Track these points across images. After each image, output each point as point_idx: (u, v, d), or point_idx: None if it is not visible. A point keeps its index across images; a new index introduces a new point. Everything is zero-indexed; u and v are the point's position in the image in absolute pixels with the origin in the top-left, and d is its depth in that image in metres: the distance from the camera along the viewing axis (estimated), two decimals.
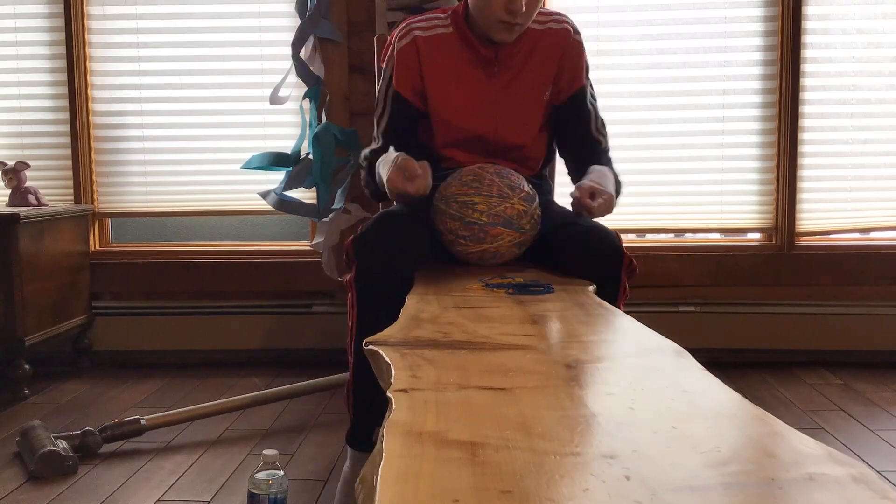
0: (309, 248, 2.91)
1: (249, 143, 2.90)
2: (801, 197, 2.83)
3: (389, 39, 1.84)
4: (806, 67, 2.79)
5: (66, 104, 2.93)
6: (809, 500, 0.56)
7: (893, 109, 2.85)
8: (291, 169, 2.69)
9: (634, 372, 0.89)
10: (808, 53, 2.79)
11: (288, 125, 2.91)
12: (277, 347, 2.94)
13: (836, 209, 2.87)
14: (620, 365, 0.93)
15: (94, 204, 2.98)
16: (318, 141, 2.63)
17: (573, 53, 1.80)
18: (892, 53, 2.83)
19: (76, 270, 2.88)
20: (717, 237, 2.99)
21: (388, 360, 0.91)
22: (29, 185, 2.81)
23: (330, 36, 2.78)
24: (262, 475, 1.55)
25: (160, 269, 2.96)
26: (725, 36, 2.81)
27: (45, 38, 2.94)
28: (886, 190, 2.88)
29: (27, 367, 2.57)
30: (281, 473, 1.56)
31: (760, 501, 0.56)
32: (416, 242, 1.56)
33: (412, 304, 1.26)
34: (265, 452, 1.57)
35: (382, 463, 0.61)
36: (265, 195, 2.73)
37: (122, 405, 2.47)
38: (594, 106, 1.86)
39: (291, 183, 2.69)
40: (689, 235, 3.01)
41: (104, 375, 2.81)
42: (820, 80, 2.81)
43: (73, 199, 2.96)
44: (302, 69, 2.72)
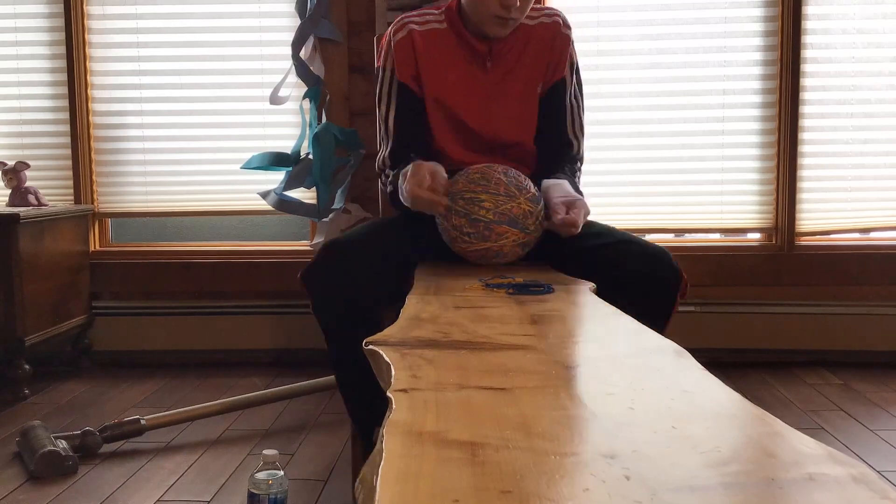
0: (309, 248, 2.91)
1: (249, 143, 2.91)
2: (801, 197, 2.83)
3: (385, 36, 1.84)
4: (806, 67, 2.79)
5: (66, 104, 2.93)
6: (809, 500, 0.56)
7: (893, 109, 2.85)
8: (291, 169, 2.69)
9: (634, 372, 0.89)
10: (808, 53, 2.79)
11: (288, 125, 2.91)
12: (277, 347, 2.94)
13: (836, 209, 2.87)
14: (620, 365, 0.93)
15: (94, 204, 2.98)
16: (318, 141, 2.63)
17: (560, 45, 1.78)
18: (892, 53, 2.83)
19: (76, 270, 2.88)
20: (717, 237, 2.99)
21: (388, 360, 0.91)
22: (29, 185, 2.82)
23: (330, 36, 2.78)
24: (262, 475, 1.55)
25: (160, 269, 2.96)
26: (725, 36, 2.81)
27: (45, 38, 2.94)
28: (886, 190, 2.88)
29: (27, 367, 2.57)
30: (281, 473, 1.56)
31: (760, 501, 0.56)
32: (366, 268, 1.52)
33: (412, 304, 1.25)
34: (265, 452, 1.57)
35: (382, 463, 0.61)
36: (265, 195, 2.73)
37: (122, 405, 2.47)
38: (576, 105, 1.81)
39: (291, 183, 2.69)
40: (689, 235, 3.01)
41: (104, 375, 2.81)
42: (820, 80, 2.81)
43: (73, 199, 2.96)
44: (302, 69, 2.72)
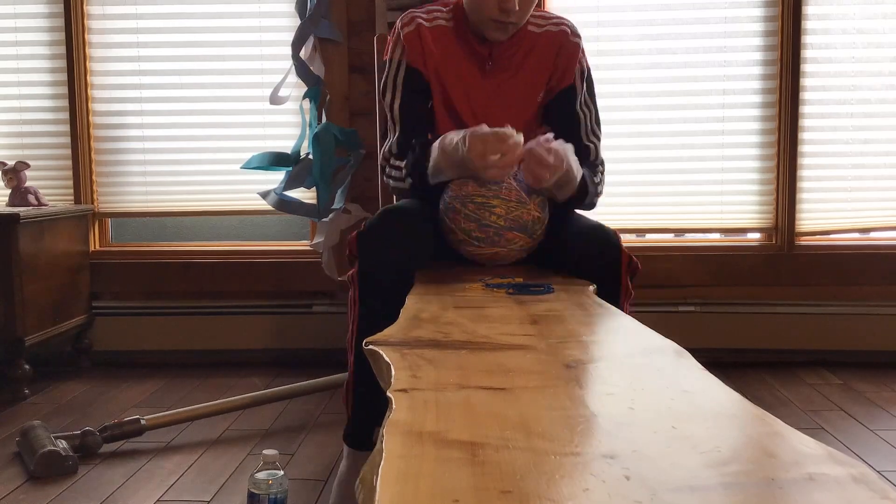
0: (309, 248, 2.91)
1: (249, 143, 2.90)
2: (801, 197, 2.83)
3: (393, 30, 1.84)
4: (806, 67, 2.79)
5: (66, 104, 2.93)
6: (809, 500, 0.56)
7: (893, 109, 2.85)
8: (291, 169, 2.69)
9: (634, 372, 0.89)
10: (808, 53, 2.79)
11: (288, 125, 2.91)
12: (277, 347, 2.94)
13: (835, 209, 2.87)
14: (620, 365, 0.93)
15: (94, 204, 2.98)
16: (318, 141, 2.63)
17: (568, 52, 1.78)
18: (892, 53, 2.83)
19: (76, 270, 2.88)
20: (717, 237, 2.99)
21: (388, 360, 0.91)
22: (29, 185, 2.82)
23: (330, 36, 2.78)
24: (262, 475, 1.55)
25: (160, 269, 2.96)
26: (725, 36, 2.81)
27: (45, 38, 2.94)
28: (886, 190, 2.88)
29: (27, 367, 2.57)
30: (281, 473, 1.56)
31: (760, 501, 0.56)
32: (419, 238, 1.56)
33: (412, 304, 1.26)
34: (265, 452, 1.57)
35: (382, 463, 0.61)
36: (265, 195, 2.73)
37: (122, 405, 2.47)
38: (588, 111, 1.81)
39: (291, 183, 2.69)
40: (689, 235, 3.01)
41: (104, 375, 2.81)
42: (820, 80, 2.81)
43: (73, 199, 2.96)
44: (302, 69, 2.72)
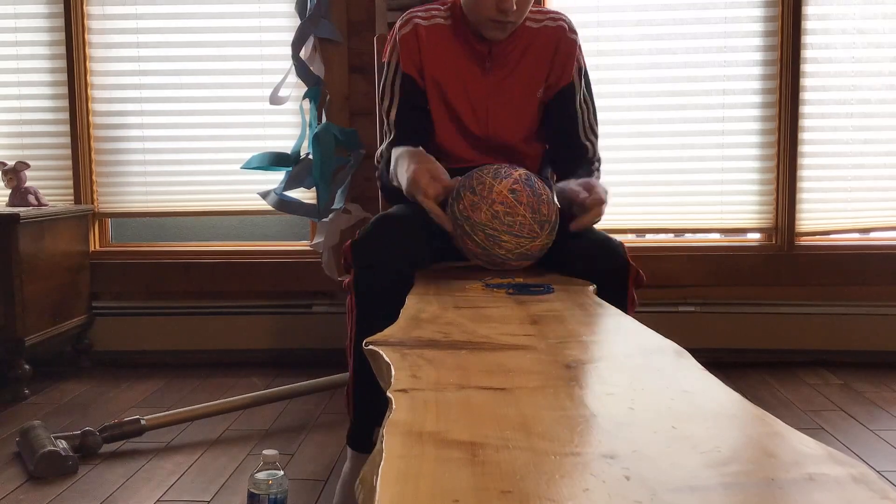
0: (309, 248, 2.91)
1: (249, 143, 2.90)
2: (801, 197, 2.83)
3: (391, 31, 1.84)
4: (806, 67, 2.79)
5: (66, 104, 2.93)
6: (809, 500, 0.56)
7: (893, 109, 2.85)
8: (291, 169, 2.69)
9: (634, 372, 0.89)
10: (808, 53, 2.79)
11: (288, 125, 2.91)
12: (277, 347, 2.94)
13: (836, 209, 2.87)
14: (620, 365, 0.93)
15: (94, 204, 2.98)
16: (318, 141, 2.63)
17: (566, 50, 1.78)
18: (892, 53, 2.83)
19: (76, 270, 2.88)
20: (717, 237, 2.99)
21: (388, 360, 0.91)
22: (29, 185, 2.82)
23: (330, 36, 2.78)
24: (262, 475, 1.55)
25: (160, 269, 2.96)
26: (725, 36, 2.81)
27: (45, 38, 2.94)
28: (886, 190, 2.88)
29: (27, 367, 2.57)
30: (281, 473, 1.56)
31: (760, 501, 0.56)
32: (414, 245, 1.54)
33: (412, 304, 1.26)
34: (265, 452, 1.57)
35: (382, 463, 0.61)
36: (265, 195, 2.73)
37: (122, 405, 2.47)
38: (586, 108, 1.82)
39: (291, 183, 2.69)
40: (689, 235, 3.01)
41: (104, 375, 2.81)
42: (820, 80, 2.81)
43: (73, 199, 2.96)
44: (302, 69, 2.72)
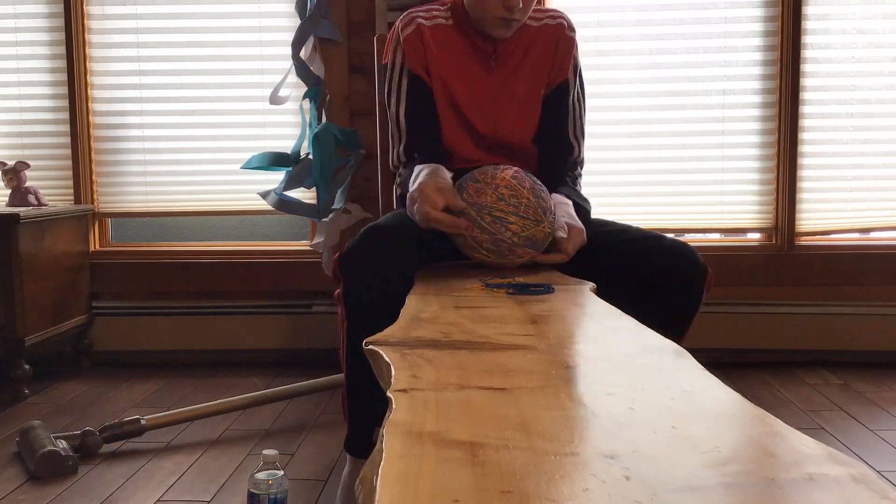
0: (309, 248, 2.91)
1: (249, 143, 2.90)
2: (801, 197, 2.83)
3: (392, 32, 1.83)
4: (806, 67, 2.79)
5: (66, 104, 2.93)
6: (809, 500, 0.56)
7: (893, 109, 2.85)
8: (291, 169, 2.69)
9: (634, 372, 0.89)
10: (808, 53, 2.79)
11: (288, 125, 2.91)
12: (277, 347, 2.94)
13: (836, 209, 2.87)
14: (620, 365, 0.93)
15: (94, 204, 2.98)
16: (318, 141, 2.63)
17: (564, 47, 1.78)
18: (892, 53, 2.83)
19: (76, 270, 2.88)
20: (717, 237, 2.99)
21: (388, 360, 0.91)
22: (29, 185, 2.82)
23: (330, 36, 2.78)
24: (262, 475, 1.55)
25: (160, 269, 2.96)
26: (725, 36, 2.81)
27: (45, 38, 2.94)
28: (886, 190, 2.88)
29: (27, 367, 2.57)
30: (281, 473, 1.56)
31: (760, 501, 0.56)
32: (402, 256, 1.51)
33: (412, 304, 1.25)
34: (265, 452, 1.57)
35: (382, 463, 0.61)
36: (265, 195, 2.73)
37: (122, 405, 2.47)
38: (578, 108, 1.82)
39: (291, 183, 2.69)
40: (689, 235, 3.01)
41: (104, 375, 2.81)
42: (820, 80, 2.81)
43: (73, 199, 2.96)
44: (302, 69, 2.72)
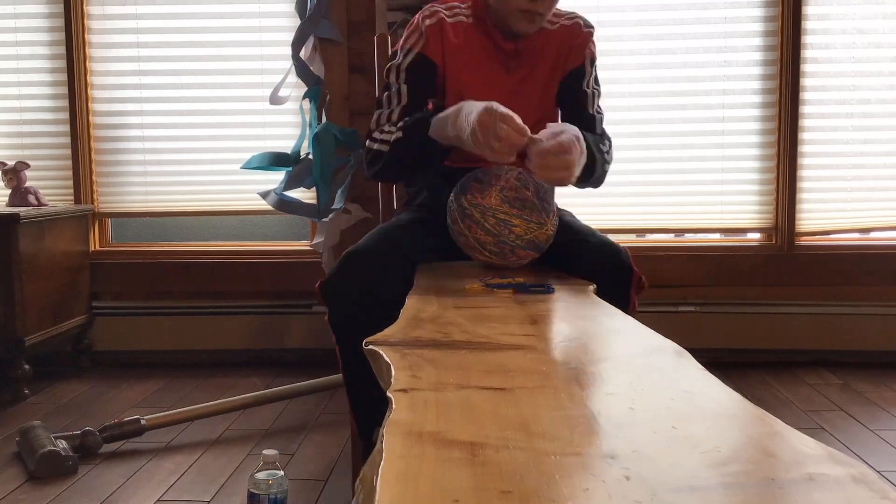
0: (309, 248, 2.91)
1: (249, 143, 2.91)
2: (801, 197, 2.83)
3: (413, 21, 1.79)
4: (806, 67, 2.79)
5: (66, 104, 2.93)
6: (809, 500, 0.55)
7: (893, 109, 2.85)
8: (291, 169, 2.69)
9: (634, 372, 0.89)
10: (808, 53, 2.79)
11: (288, 125, 2.91)
12: (277, 347, 2.94)
13: (836, 209, 2.87)
14: (620, 365, 0.93)
15: (94, 204, 2.98)
16: (318, 141, 2.63)
17: (580, 40, 1.77)
18: (892, 53, 2.83)
19: (76, 270, 2.88)
20: (717, 237, 2.99)
21: (388, 360, 0.91)
22: (29, 185, 2.82)
23: (330, 36, 2.78)
24: (262, 475, 1.55)
25: (160, 269, 2.96)
26: (725, 36, 2.81)
27: (45, 38, 2.94)
28: (886, 190, 2.88)
29: (27, 367, 2.57)
30: (281, 473, 1.56)
31: (760, 501, 0.56)
32: (386, 281, 1.49)
33: (412, 304, 1.25)
34: (265, 452, 1.57)
35: (382, 463, 0.61)
36: (265, 195, 2.73)
37: (122, 405, 2.47)
38: (595, 91, 1.81)
39: (291, 183, 2.69)
40: (689, 235, 3.01)
41: (104, 375, 2.81)
42: (820, 80, 2.81)
43: (73, 199, 2.96)
44: (302, 69, 2.72)
